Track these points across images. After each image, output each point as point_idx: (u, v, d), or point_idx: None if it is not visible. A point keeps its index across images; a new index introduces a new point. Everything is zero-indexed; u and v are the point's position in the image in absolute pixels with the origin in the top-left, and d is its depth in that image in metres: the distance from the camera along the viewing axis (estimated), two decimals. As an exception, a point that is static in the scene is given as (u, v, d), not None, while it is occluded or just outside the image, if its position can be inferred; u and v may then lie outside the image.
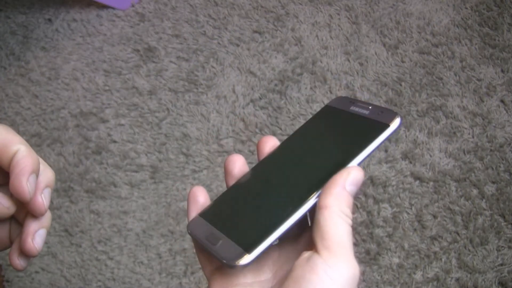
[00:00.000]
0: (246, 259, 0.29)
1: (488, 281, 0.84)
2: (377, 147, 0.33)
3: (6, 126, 0.34)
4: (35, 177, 0.33)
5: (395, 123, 0.33)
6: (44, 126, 1.07)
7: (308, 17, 1.13)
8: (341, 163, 0.33)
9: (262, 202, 0.34)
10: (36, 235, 0.35)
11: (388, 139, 0.34)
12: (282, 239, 0.37)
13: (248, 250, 0.30)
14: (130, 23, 1.18)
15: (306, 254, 0.31)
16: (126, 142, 1.03)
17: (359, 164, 0.34)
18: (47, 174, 0.35)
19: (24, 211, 0.36)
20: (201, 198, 0.37)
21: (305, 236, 0.36)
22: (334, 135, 0.37)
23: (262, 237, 0.30)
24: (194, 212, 0.37)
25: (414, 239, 0.88)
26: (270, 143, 0.39)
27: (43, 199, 0.34)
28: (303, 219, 0.33)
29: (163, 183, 0.98)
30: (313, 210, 0.32)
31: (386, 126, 0.33)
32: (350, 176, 0.32)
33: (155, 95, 1.07)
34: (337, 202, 0.31)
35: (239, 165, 0.38)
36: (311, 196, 0.32)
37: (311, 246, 0.31)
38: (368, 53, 1.07)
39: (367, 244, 0.88)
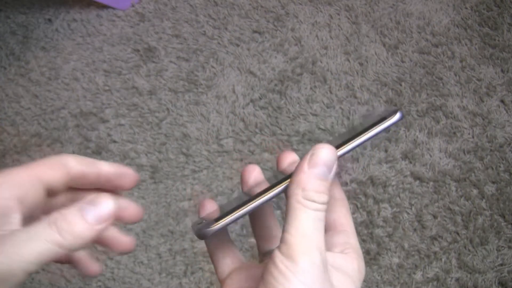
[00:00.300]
0: (214, 227, 0.32)
1: (488, 281, 0.84)
2: (372, 136, 0.34)
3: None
4: None
5: (394, 117, 0.34)
6: (44, 126, 1.07)
7: (308, 17, 1.13)
8: None
9: (251, 194, 0.36)
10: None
11: (385, 130, 0.34)
12: None
13: (217, 220, 0.33)
14: (130, 23, 1.18)
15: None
16: (126, 142, 1.03)
17: (348, 152, 0.33)
18: None
19: None
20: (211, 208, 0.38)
21: None
22: (341, 137, 0.38)
23: (231, 212, 0.33)
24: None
25: (414, 239, 0.88)
26: (289, 159, 0.38)
27: None
28: None
29: (163, 183, 0.98)
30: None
31: (384, 119, 0.34)
32: (314, 157, 0.30)
33: (155, 95, 1.07)
34: (298, 190, 0.29)
35: (254, 175, 0.38)
36: (285, 181, 0.32)
37: None
38: (368, 53, 1.07)
39: (367, 244, 0.88)
